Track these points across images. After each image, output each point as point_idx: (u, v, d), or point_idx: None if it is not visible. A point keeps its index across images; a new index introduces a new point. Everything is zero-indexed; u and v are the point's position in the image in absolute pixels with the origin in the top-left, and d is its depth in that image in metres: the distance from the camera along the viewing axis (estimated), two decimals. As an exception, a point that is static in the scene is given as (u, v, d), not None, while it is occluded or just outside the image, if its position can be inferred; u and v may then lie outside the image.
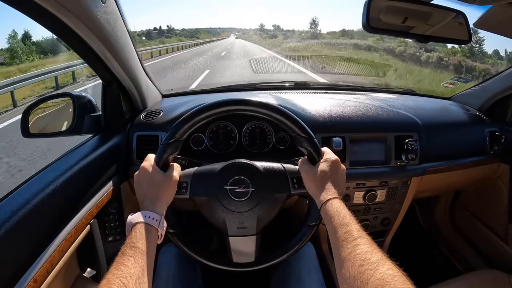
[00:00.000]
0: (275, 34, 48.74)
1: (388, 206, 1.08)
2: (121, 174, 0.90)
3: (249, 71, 6.93)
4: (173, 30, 46.73)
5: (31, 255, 0.56)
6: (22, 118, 0.82)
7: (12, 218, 0.54)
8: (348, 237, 0.50)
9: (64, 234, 0.64)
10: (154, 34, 38.84)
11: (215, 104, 0.67)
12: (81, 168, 0.74)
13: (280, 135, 1.00)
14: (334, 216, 0.55)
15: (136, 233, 0.53)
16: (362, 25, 0.74)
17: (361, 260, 0.45)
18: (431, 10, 0.79)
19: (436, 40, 0.84)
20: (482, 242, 1.40)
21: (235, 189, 0.66)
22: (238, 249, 0.69)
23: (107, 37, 0.72)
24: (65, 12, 0.58)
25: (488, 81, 1.29)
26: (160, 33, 42.91)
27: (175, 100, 1.19)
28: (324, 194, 0.60)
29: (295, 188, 0.68)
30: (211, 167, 0.70)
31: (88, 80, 7.58)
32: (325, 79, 3.30)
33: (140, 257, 0.49)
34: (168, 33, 42.89)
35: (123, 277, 0.44)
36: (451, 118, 1.22)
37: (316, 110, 1.03)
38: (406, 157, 1.00)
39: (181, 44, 22.34)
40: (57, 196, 0.65)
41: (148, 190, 0.61)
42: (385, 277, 0.41)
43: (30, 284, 0.53)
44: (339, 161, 0.66)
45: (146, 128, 0.97)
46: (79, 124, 0.86)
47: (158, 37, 34.67)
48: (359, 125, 1.02)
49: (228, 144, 1.00)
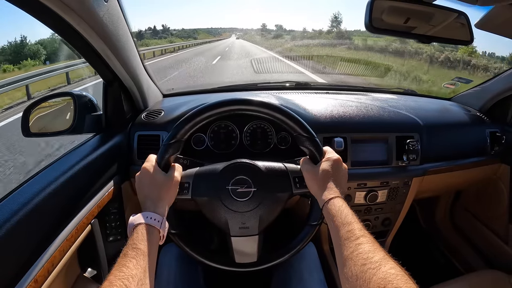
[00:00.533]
0: (279, 34, 46.49)
1: (389, 206, 1.09)
2: (122, 173, 0.90)
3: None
4: (168, 30, 44.32)
5: (31, 255, 0.56)
6: (22, 117, 0.82)
7: (12, 218, 0.53)
8: (350, 236, 0.50)
9: (65, 234, 0.64)
10: (148, 34, 36.81)
11: (217, 104, 0.67)
12: (82, 168, 0.73)
13: (282, 135, 1.00)
14: (336, 215, 0.55)
15: (138, 234, 0.53)
16: (365, 25, 0.74)
17: (363, 259, 0.45)
18: (433, 11, 0.79)
19: (438, 41, 0.84)
20: (482, 242, 1.40)
21: (237, 189, 0.66)
22: (240, 249, 0.69)
23: (109, 36, 0.72)
24: (67, 11, 0.58)
25: (489, 81, 1.29)
26: (154, 33, 41.02)
27: (176, 100, 1.18)
28: (326, 193, 0.60)
29: (297, 187, 0.68)
30: (212, 167, 0.69)
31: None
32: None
33: (142, 258, 0.49)
34: (164, 33, 40.73)
35: (125, 279, 0.44)
36: (452, 118, 1.22)
37: (317, 110, 1.03)
38: (407, 158, 1.00)
39: (170, 46, 18.27)
40: (58, 195, 0.64)
41: (150, 191, 0.61)
42: (387, 276, 0.41)
43: (31, 284, 0.53)
44: (341, 160, 0.66)
45: (147, 127, 0.97)
46: (80, 123, 0.86)
47: (152, 37, 32.86)
48: (361, 125, 1.02)
49: (230, 144, 1.00)
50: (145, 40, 25.48)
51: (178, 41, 26.27)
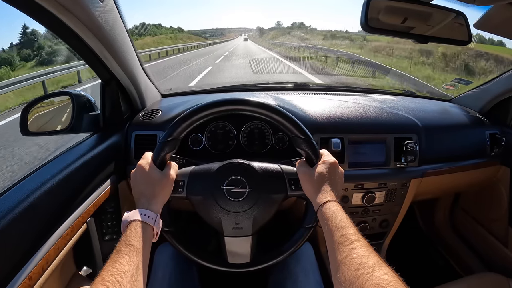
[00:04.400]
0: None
1: (387, 208, 1.08)
2: (119, 173, 0.90)
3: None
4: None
5: (26, 252, 0.56)
6: (21, 116, 0.83)
7: (7, 215, 0.54)
8: (344, 240, 0.49)
9: (60, 232, 0.64)
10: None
11: (214, 103, 0.66)
12: (79, 167, 0.74)
13: (279, 135, 1.00)
14: (330, 219, 0.54)
15: (131, 231, 0.53)
16: (361, 25, 0.74)
17: (357, 264, 0.44)
18: (431, 11, 0.78)
19: (436, 41, 0.83)
20: (482, 245, 1.39)
21: (232, 189, 0.66)
22: (233, 250, 0.69)
23: (105, 36, 0.73)
24: (63, 11, 0.58)
25: (489, 83, 1.28)
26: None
27: (174, 99, 1.18)
28: (321, 196, 0.59)
29: (292, 189, 0.68)
30: (208, 166, 0.69)
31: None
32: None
33: (135, 255, 0.49)
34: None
35: (117, 275, 0.44)
36: (451, 120, 1.21)
37: (315, 110, 1.02)
38: (405, 159, 1.00)
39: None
40: (54, 194, 0.65)
41: (145, 188, 0.61)
42: (380, 281, 0.40)
43: (25, 282, 0.53)
44: (337, 163, 0.66)
45: (144, 127, 0.97)
46: (77, 122, 0.86)
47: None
48: (358, 126, 1.01)
49: (227, 144, 1.00)
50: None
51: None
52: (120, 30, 0.79)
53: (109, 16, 0.71)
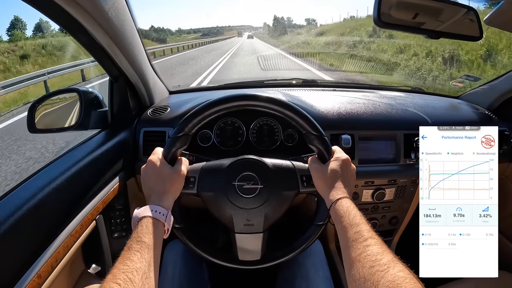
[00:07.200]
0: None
1: (397, 204, 1.07)
2: (127, 170, 0.90)
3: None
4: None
5: (35, 250, 0.56)
6: (28, 113, 0.82)
7: (16, 213, 0.53)
8: (358, 237, 0.49)
9: (69, 229, 0.64)
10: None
11: (226, 98, 0.66)
12: (87, 164, 0.73)
13: (288, 132, 0.99)
14: (344, 215, 0.54)
15: (142, 227, 0.52)
16: (374, 20, 0.74)
17: (371, 261, 0.44)
18: (442, 6, 0.78)
19: (447, 37, 0.82)
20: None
21: (244, 186, 0.65)
22: (244, 247, 0.68)
23: (115, 32, 0.72)
24: (73, 5, 0.58)
25: (497, 79, 1.27)
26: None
27: (182, 96, 1.18)
28: (334, 193, 0.59)
29: (304, 186, 0.67)
30: (219, 162, 0.69)
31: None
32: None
33: (146, 251, 0.49)
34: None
35: (129, 272, 0.44)
36: (460, 116, 1.20)
37: (324, 107, 1.02)
38: (415, 156, 0.99)
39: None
40: (63, 191, 0.64)
41: (155, 184, 0.60)
42: (396, 279, 0.40)
43: (34, 280, 0.53)
44: (350, 160, 0.65)
45: (153, 124, 0.96)
46: (85, 119, 0.86)
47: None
48: (368, 122, 1.01)
49: (236, 141, 0.99)
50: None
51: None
52: (130, 26, 0.78)
53: (119, 10, 0.70)
